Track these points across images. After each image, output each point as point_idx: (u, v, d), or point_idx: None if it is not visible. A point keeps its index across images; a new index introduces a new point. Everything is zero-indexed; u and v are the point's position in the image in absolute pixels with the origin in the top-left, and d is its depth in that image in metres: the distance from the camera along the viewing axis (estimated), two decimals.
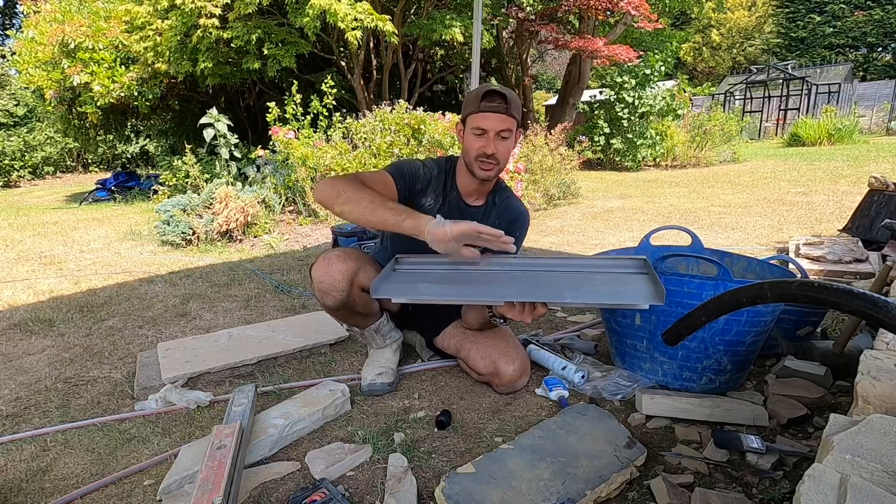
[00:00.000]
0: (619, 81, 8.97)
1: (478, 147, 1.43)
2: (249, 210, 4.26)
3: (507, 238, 1.20)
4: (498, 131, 1.42)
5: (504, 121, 1.41)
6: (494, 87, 1.42)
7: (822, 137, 11.28)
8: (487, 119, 1.41)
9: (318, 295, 1.47)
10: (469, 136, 1.45)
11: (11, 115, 16.44)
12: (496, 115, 1.40)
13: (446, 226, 1.19)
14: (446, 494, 1.02)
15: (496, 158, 1.45)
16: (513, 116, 1.43)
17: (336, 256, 1.43)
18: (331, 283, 1.42)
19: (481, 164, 1.46)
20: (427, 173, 1.55)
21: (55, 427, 1.42)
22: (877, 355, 1.10)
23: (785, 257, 2.07)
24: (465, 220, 1.20)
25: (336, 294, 1.43)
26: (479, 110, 1.41)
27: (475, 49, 4.27)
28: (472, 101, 1.43)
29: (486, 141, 1.42)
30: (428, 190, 1.56)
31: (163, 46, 6.87)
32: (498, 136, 1.42)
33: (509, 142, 1.46)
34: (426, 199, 1.56)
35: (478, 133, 1.43)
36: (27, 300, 2.76)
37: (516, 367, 1.50)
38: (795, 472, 1.12)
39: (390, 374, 1.59)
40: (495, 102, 1.40)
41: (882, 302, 0.66)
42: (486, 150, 1.43)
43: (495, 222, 1.59)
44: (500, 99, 1.40)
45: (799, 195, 5.36)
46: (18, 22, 22.11)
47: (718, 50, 24.64)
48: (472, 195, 1.59)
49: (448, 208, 1.57)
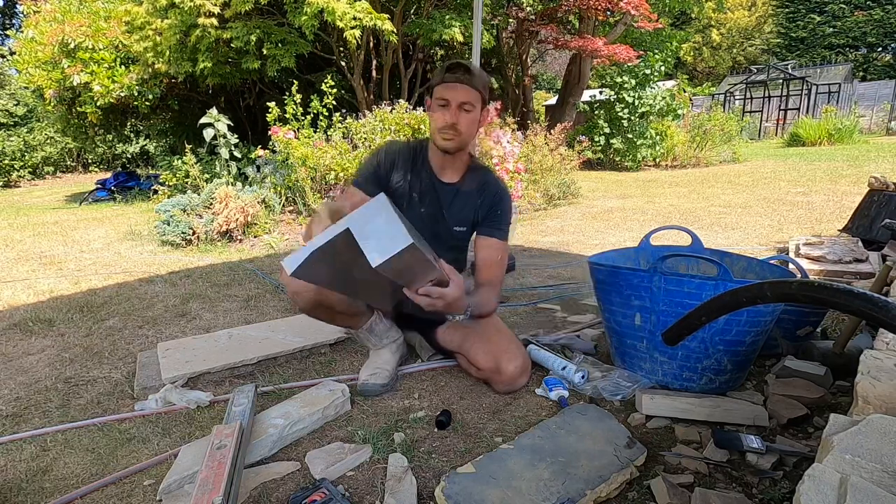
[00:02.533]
0: (619, 81, 8.98)
1: (440, 118, 1.45)
2: (249, 210, 4.26)
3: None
4: (460, 103, 1.43)
5: (467, 92, 1.43)
6: (461, 60, 1.44)
7: (822, 137, 11.29)
8: (450, 90, 1.43)
9: (291, 297, 1.48)
10: (434, 108, 1.47)
11: (11, 115, 16.45)
12: (459, 86, 1.42)
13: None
14: (446, 494, 1.02)
15: (457, 129, 1.46)
16: (476, 89, 1.44)
17: None
18: (298, 283, 1.39)
19: (443, 135, 1.47)
20: (388, 157, 1.57)
21: (55, 427, 1.42)
22: (877, 355, 1.10)
23: (785, 257, 2.07)
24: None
25: (305, 294, 1.41)
26: (442, 81, 1.43)
27: (475, 49, 4.27)
28: (437, 74, 1.47)
29: (448, 111, 1.44)
30: (393, 171, 1.57)
31: (162, 46, 6.87)
32: (461, 108, 1.44)
33: (472, 114, 1.47)
34: (394, 177, 1.57)
35: (441, 104, 1.45)
36: (27, 300, 2.76)
37: (517, 364, 1.50)
38: (795, 472, 1.12)
39: (384, 374, 1.58)
40: (458, 73, 1.42)
41: (882, 302, 0.66)
42: (447, 120, 1.44)
43: (476, 201, 1.60)
44: (462, 70, 1.43)
45: (799, 195, 5.36)
46: (18, 22, 22.11)
47: (718, 50, 24.64)
48: (444, 171, 1.59)
49: (421, 185, 1.58)
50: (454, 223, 1.60)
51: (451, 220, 1.60)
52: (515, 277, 2.87)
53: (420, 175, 1.58)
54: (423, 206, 1.57)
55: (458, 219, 1.60)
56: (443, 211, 1.59)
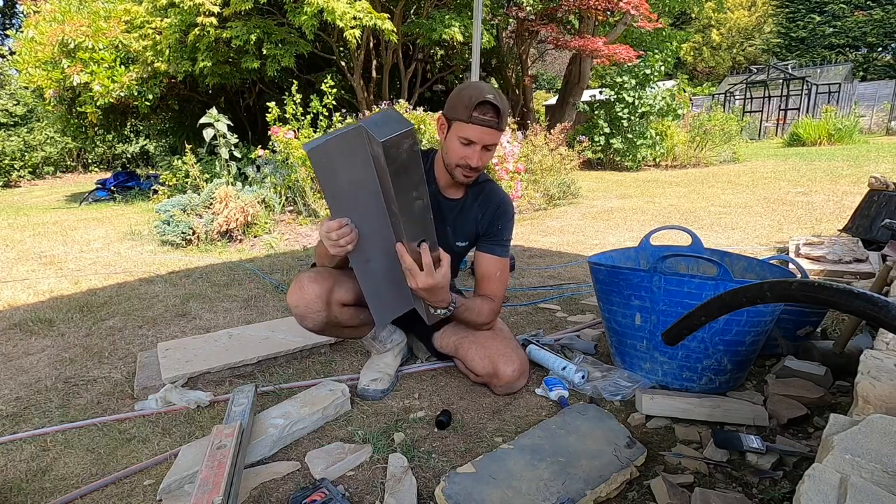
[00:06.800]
0: (619, 81, 8.98)
1: (462, 156, 1.40)
2: (249, 210, 4.26)
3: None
4: (485, 144, 1.39)
5: (493, 136, 1.38)
6: (489, 97, 1.32)
7: (822, 137, 11.29)
8: (477, 132, 1.36)
9: (297, 320, 1.45)
10: (454, 140, 1.40)
11: (11, 115, 16.46)
12: (487, 130, 1.36)
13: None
14: (446, 494, 1.02)
15: (478, 169, 1.44)
16: (502, 130, 1.40)
17: (308, 279, 1.42)
18: (306, 306, 1.40)
19: (463, 172, 1.44)
20: None
21: (55, 427, 1.42)
22: (877, 355, 1.10)
23: (785, 257, 2.07)
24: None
25: (314, 316, 1.42)
26: (470, 121, 1.35)
27: (475, 49, 4.27)
28: (463, 108, 1.34)
29: (471, 152, 1.39)
30: None
31: (162, 45, 6.87)
32: (484, 148, 1.40)
33: (492, 152, 1.44)
34: None
35: (464, 143, 1.38)
36: (27, 300, 2.76)
37: (515, 367, 1.49)
38: (795, 472, 1.12)
39: (386, 380, 1.57)
40: (488, 116, 1.34)
41: (882, 302, 0.66)
42: (470, 162, 1.40)
43: (477, 214, 1.57)
44: (493, 112, 1.34)
45: (799, 195, 5.36)
46: (18, 22, 22.11)
47: (718, 50, 24.65)
48: (450, 188, 1.57)
49: None
50: (456, 238, 1.58)
51: (453, 236, 1.57)
52: (515, 277, 2.87)
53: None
54: None
55: (460, 234, 1.58)
56: (446, 226, 1.56)
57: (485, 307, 1.53)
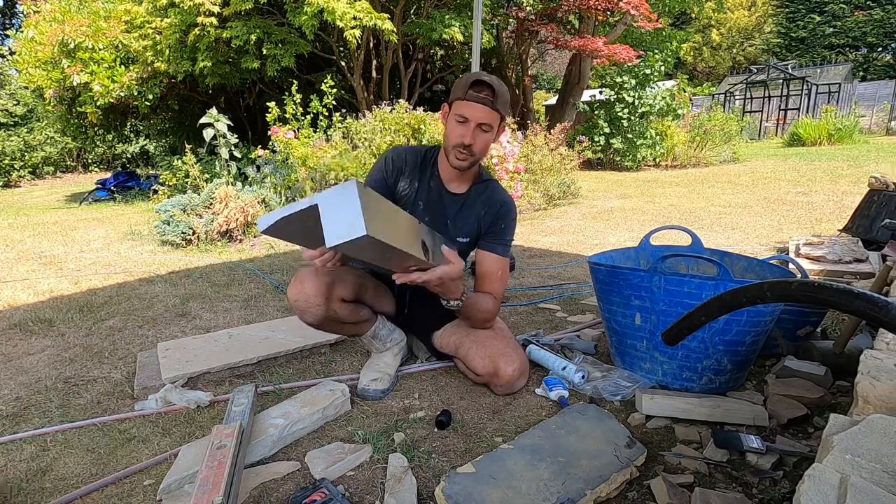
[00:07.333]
0: (619, 81, 8.98)
1: (457, 135, 1.42)
2: (249, 210, 4.26)
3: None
4: (479, 123, 1.41)
5: (488, 114, 1.40)
6: (484, 76, 1.39)
7: (822, 137, 11.29)
8: (471, 108, 1.39)
9: (297, 314, 1.47)
10: (452, 122, 1.44)
11: (11, 115, 16.46)
12: (481, 107, 1.39)
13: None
14: (446, 494, 1.02)
15: (472, 150, 1.44)
16: (497, 111, 1.41)
17: (308, 274, 1.43)
18: (305, 300, 1.42)
19: (457, 153, 1.45)
20: (395, 165, 1.55)
21: (55, 427, 1.42)
22: (877, 355, 1.10)
23: (785, 257, 2.07)
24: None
25: (314, 310, 1.43)
26: (465, 97, 1.39)
27: (475, 49, 4.28)
28: (460, 87, 1.41)
29: (465, 130, 1.41)
30: (399, 178, 1.56)
31: (162, 45, 6.88)
32: (479, 127, 1.42)
33: (489, 135, 1.45)
34: (400, 185, 1.56)
35: (460, 121, 1.42)
36: (27, 300, 2.76)
37: (515, 367, 1.49)
38: (795, 472, 1.12)
39: (386, 380, 1.58)
40: (482, 93, 1.38)
41: (882, 302, 0.66)
42: (464, 140, 1.42)
43: (480, 211, 1.58)
44: (487, 90, 1.38)
45: (799, 195, 5.36)
46: (18, 22, 22.12)
47: (718, 50, 24.65)
48: (453, 181, 1.57)
49: (428, 194, 1.56)
50: (458, 234, 1.58)
51: (454, 231, 1.58)
52: (515, 277, 2.87)
53: (428, 183, 1.57)
54: (427, 216, 1.56)
55: (462, 230, 1.59)
56: (447, 221, 1.57)
57: (488, 302, 1.54)
